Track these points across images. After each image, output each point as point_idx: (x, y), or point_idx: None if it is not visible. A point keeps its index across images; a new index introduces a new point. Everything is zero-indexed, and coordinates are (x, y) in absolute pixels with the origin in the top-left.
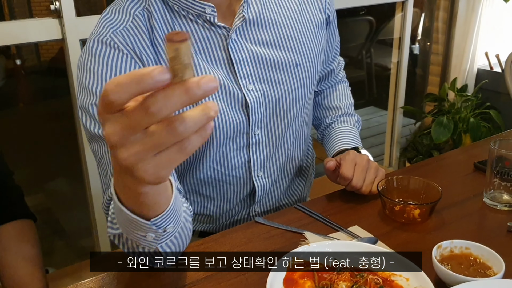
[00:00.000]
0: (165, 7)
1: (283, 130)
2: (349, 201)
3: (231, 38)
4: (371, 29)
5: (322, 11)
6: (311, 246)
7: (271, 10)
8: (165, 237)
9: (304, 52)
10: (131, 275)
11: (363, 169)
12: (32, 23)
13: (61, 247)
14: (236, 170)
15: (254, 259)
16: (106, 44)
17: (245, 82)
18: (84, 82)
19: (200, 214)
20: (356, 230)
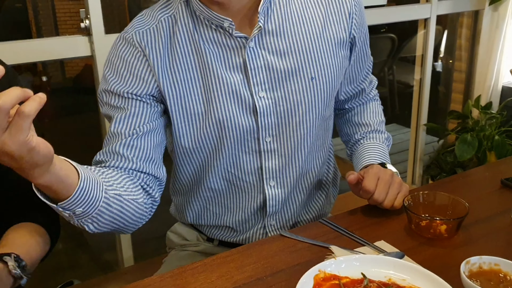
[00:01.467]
0: (190, 16)
1: (297, 142)
2: (374, 216)
3: (248, 46)
4: (393, 46)
5: (347, 30)
6: (338, 260)
7: (293, 22)
8: (79, 216)
9: (321, 67)
10: (153, 285)
11: (386, 183)
12: (63, 40)
13: (85, 260)
14: (249, 176)
15: (281, 271)
16: (126, 40)
17: (257, 89)
18: (104, 71)
19: (219, 226)
20: (382, 245)
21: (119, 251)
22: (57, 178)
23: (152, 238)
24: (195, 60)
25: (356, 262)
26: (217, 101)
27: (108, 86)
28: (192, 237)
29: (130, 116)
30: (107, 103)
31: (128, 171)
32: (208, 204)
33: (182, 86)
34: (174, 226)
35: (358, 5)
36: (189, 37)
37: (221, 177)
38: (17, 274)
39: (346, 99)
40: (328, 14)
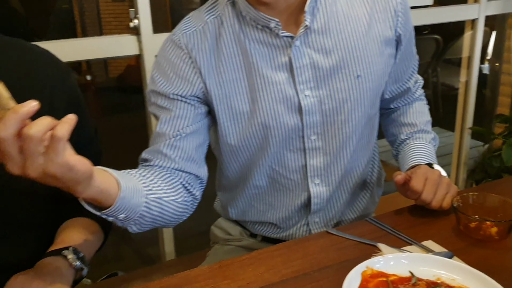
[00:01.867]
0: (236, 16)
1: (342, 140)
2: (421, 216)
3: (294, 45)
4: (438, 47)
5: (393, 28)
6: (386, 257)
7: (338, 20)
8: (122, 221)
9: (367, 65)
10: (203, 275)
11: (434, 184)
12: (114, 39)
13: (128, 253)
14: (293, 173)
15: (328, 267)
16: (174, 42)
17: (303, 88)
18: (152, 71)
19: (263, 222)
20: (430, 245)
21: (162, 245)
22: (99, 191)
23: (193, 234)
24: (240, 60)
25: (405, 260)
26: (263, 101)
27: (155, 86)
28: (235, 232)
29: (175, 118)
30: (154, 103)
31: (171, 171)
32: (253, 200)
33: (228, 86)
34: (218, 220)
35: (403, 3)
36: (235, 38)
37: (266, 174)
38: (77, 266)
39: (391, 98)
40: (374, 12)
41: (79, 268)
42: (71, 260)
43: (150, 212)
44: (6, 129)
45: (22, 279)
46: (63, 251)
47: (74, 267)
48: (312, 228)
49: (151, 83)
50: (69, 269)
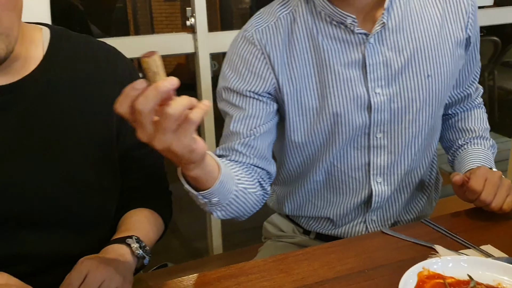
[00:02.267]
0: (310, 12)
1: (408, 139)
2: (479, 220)
3: (369, 42)
4: (496, 50)
5: (464, 29)
6: (444, 259)
7: (412, 19)
8: (213, 205)
9: (437, 65)
10: (258, 267)
11: (495, 185)
12: (170, 37)
13: (176, 245)
14: (356, 172)
15: (383, 266)
16: (246, 38)
17: (374, 85)
18: (223, 68)
19: (319, 217)
20: (489, 249)
21: (210, 239)
22: (205, 172)
23: (240, 230)
24: (312, 55)
25: (464, 263)
26: (332, 97)
27: (227, 83)
28: (288, 228)
29: (249, 117)
30: (225, 100)
31: (247, 165)
32: (311, 196)
33: (298, 82)
34: (271, 217)
35: (474, 5)
36: (308, 33)
37: (327, 171)
38: (139, 255)
39: (451, 103)
40: (446, 13)
41: (141, 256)
42: (134, 248)
43: (236, 200)
44: (145, 103)
45: (88, 263)
46: (127, 239)
47: (137, 256)
48: (368, 226)
49: (223, 80)
50: (132, 257)
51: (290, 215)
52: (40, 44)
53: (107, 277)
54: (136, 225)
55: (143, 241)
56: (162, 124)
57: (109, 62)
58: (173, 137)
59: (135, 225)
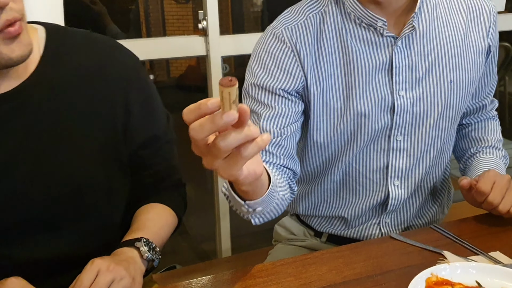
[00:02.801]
0: (339, 13)
1: (427, 144)
2: (488, 226)
3: (397, 45)
4: (507, 56)
5: (485, 38)
6: (453, 265)
7: (439, 25)
8: (255, 213)
9: (460, 71)
10: (266, 271)
11: (503, 187)
12: (182, 40)
13: (185, 247)
14: (374, 174)
15: (391, 271)
16: (275, 36)
17: (398, 88)
18: (251, 65)
19: (332, 217)
20: (498, 256)
21: (218, 242)
22: (254, 188)
23: (250, 233)
24: (340, 56)
25: (473, 270)
26: (357, 98)
27: (256, 80)
28: (299, 231)
29: (279, 116)
30: (253, 97)
31: (277, 167)
32: (327, 196)
33: (325, 81)
34: (282, 220)
35: (495, 14)
36: (337, 34)
37: (345, 172)
38: (148, 257)
39: (466, 113)
40: (469, 21)
41: (150, 259)
42: (143, 251)
43: (275, 207)
44: (200, 133)
45: (98, 263)
46: (136, 242)
47: (146, 258)
48: (382, 229)
49: (251, 77)
50: (142, 260)
51: (304, 215)
52: (36, 44)
53: (117, 277)
54: (147, 223)
55: (152, 242)
56: (212, 151)
57: (113, 57)
58: (221, 164)
59: (146, 223)
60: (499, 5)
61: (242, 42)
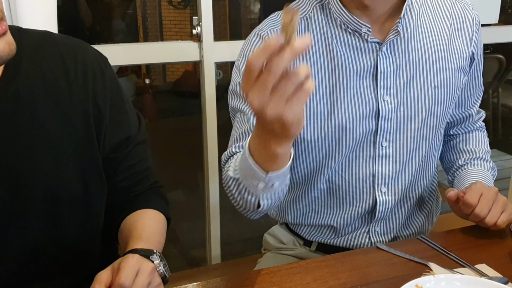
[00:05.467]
0: (325, 17)
1: (412, 148)
2: (475, 238)
3: (381, 50)
4: (500, 68)
5: (469, 45)
6: (438, 277)
7: (423, 31)
8: (270, 190)
9: (444, 77)
10: (251, 280)
11: (490, 199)
12: (175, 45)
13: (174, 254)
14: (360, 182)
15: (376, 282)
16: (261, 37)
17: (383, 93)
18: (239, 64)
19: (321, 226)
20: (483, 268)
21: (208, 249)
22: (287, 151)
23: (240, 240)
24: (325, 61)
25: (458, 282)
26: (342, 102)
27: None
28: (288, 240)
29: None
30: (242, 96)
31: None
32: (314, 204)
33: None
34: (272, 228)
35: (478, 23)
36: (323, 39)
37: (331, 181)
38: (161, 272)
39: (452, 122)
40: (453, 27)
41: (162, 275)
42: (157, 264)
43: (283, 190)
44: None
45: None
46: (151, 256)
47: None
48: (372, 237)
49: (239, 76)
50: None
51: (293, 223)
52: None
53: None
54: (148, 229)
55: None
56: (280, 90)
57: (77, 59)
58: (286, 106)
59: (147, 229)
60: (492, 17)
61: (237, 48)
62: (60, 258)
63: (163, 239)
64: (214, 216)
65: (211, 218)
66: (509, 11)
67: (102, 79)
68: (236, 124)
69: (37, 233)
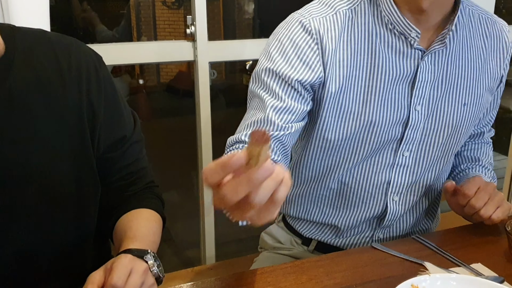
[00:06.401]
0: (372, 13)
1: (431, 162)
2: (470, 237)
3: (424, 59)
4: None
5: (501, 68)
6: (433, 276)
7: (463, 46)
8: None
9: (475, 96)
10: (245, 279)
11: (487, 192)
12: (169, 44)
13: (168, 254)
14: (374, 188)
15: (371, 282)
16: (302, 25)
17: (416, 102)
18: (270, 48)
19: (325, 224)
20: (479, 268)
21: (203, 249)
22: None
23: (235, 240)
24: (365, 59)
25: (453, 282)
26: (374, 105)
27: (273, 65)
28: (286, 240)
29: (286, 110)
30: (264, 82)
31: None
32: (321, 202)
33: (345, 81)
34: (269, 227)
35: (511, 48)
36: (366, 35)
37: (344, 182)
38: (155, 273)
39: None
40: (490, 47)
41: (156, 275)
42: (150, 265)
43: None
44: (236, 196)
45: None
46: (145, 256)
47: (152, 272)
48: (374, 243)
49: (268, 61)
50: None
51: (294, 217)
52: None
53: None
54: (142, 229)
55: (157, 258)
56: (244, 207)
57: (71, 58)
58: (255, 215)
59: (141, 229)
60: None
61: (231, 48)
62: (53, 259)
63: (158, 239)
64: (208, 215)
65: (206, 218)
66: (503, 11)
67: (97, 78)
68: (251, 110)
69: (29, 234)
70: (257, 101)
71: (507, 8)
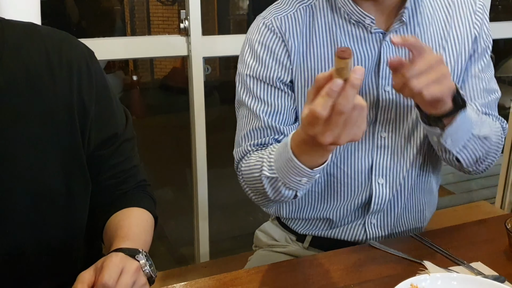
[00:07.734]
0: (330, 7)
1: (409, 138)
2: (470, 236)
3: (385, 40)
4: None
5: (471, 27)
6: (433, 276)
7: (424, 20)
8: (311, 181)
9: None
10: (241, 279)
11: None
12: (163, 39)
13: (162, 252)
14: (359, 174)
15: (369, 281)
16: (266, 25)
17: (384, 83)
18: (244, 53)
19: (316, 219)
20: (479, 267)
21: (197, 246)
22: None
23: (229, 237)
24: (329, 50)
25: (454, 281)
26: None
27: (250, 71)
28: (280, 237)
29: (277, 113)
30: (250, 89)
31: None
32: (311, 198)
33: (311, 74)
34: (264, 225)
35: (482, 8)
36: (327, 28)
37: (330, 173)
38: (146, 272)
39: None
40: (454, 13)
41: (148, 276)
42: (142, 264)
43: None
44: (346, 103)
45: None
46: (136, 255)
47: (144, 272)
48: (368, 230)
49: (245, 67)
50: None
51: (287, 218)
52: None
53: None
54: (133, 229)
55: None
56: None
57: (62, 52)
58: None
59: (133, 229)
60: None
61: (225, 43)
62: (42, 259)
63: (149, 239)
64: (202, 213)
65: (200, 216)
66: (499, 7)
67: (88, 74)
68: (242, 119)
69: (17, 232)
70: (245, 110)
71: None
